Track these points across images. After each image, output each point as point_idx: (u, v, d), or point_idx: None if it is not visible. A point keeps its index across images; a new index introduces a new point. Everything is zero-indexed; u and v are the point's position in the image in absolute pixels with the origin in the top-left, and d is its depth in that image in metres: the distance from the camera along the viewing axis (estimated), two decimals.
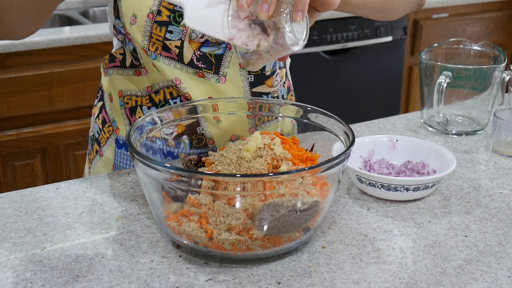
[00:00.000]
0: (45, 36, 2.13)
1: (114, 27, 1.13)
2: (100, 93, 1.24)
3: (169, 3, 1.04)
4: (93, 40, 2.20)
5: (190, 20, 0.83)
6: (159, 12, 1.06)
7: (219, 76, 1.11)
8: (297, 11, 0.80)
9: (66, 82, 2.20)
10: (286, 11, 0.80)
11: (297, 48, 0.83)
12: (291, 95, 1.27)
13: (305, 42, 0.84)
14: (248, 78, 1.14)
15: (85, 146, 2.20)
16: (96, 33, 2.19)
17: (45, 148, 2.24)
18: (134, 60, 1.14)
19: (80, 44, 2.19)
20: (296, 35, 0.82)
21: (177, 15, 1.07)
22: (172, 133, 1.06)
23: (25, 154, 2.22)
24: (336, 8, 0.89)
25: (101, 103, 1.23)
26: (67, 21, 2.62)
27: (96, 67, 2.16)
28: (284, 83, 1.23)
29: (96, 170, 1.23)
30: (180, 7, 0.85)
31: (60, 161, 2.28)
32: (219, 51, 1.11)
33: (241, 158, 0.88)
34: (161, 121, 0.98)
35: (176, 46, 1.08)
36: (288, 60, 1.28)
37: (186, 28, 1.07)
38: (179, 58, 1.09)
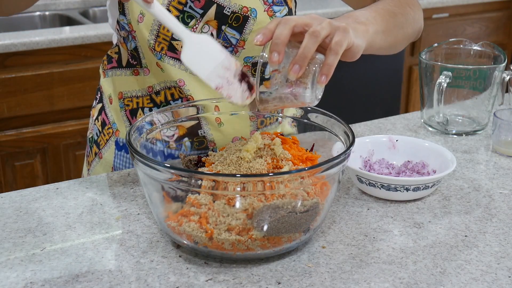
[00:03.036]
0: (45, 36, 2.13)
1: (118, 22, 1.12)
2: (99, 95, 1.24)
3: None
4: (93, 40, 2.20)
5: (186, 58, 0.89)
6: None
7: None
8: (322, 75, 0.85)
9: (66, 82, 2.20)
10: (312, 72, 0.85)
11: (312, 105, 0.89)
12: None
13: (319, 100, 0.89)
14: None
15: (85, 146, 2.20)
16: (96, 33, 2.19)
17: (45, 148, 2.24)
18: (130, 59, 1.13)
19: (80, 44, 2.19)
20: (316, 94, 0.87)
21: (186, 15, 1.06)
22: (173, 135, 1.06)
23: (25, 154, 2.22)
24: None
25: (100, 105, 1.23)
26: (67, 21, 2.62)
27: (96, 67, 2.16)
28: None
29: (95, 173, 1.23)
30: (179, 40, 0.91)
31: (60, 161, 2.28)
32: None
33: (241, 159, 0.88)
34: (161, 121, 0.98)
35: (182, 47, 1.08)
36: None
37: (195, 29, 1.07)
38: None
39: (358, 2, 1.22)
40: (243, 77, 0.89)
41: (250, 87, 0.89)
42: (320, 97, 0.89)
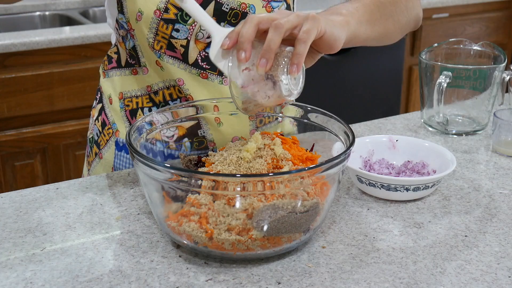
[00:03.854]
0: (45, 36, 2.13)
1: (117, 21, 1.12)
2: (99, 95, 1.24)
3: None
4: (93, 40, 2.20)
5: (213, 54, 0.87)
6: (166, 10, 1.06)
7: (223, 78, 1.11)
8: (292, 64, 0.83)
9: (66, 82, 2.20)
10: (282, 64, 0.84)
11: (292, 98, 0.87)
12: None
13: (301, 91, 0.88)
14: None
15: (85, 146, 2.20)
16: (96, 33, 2.19)
17: (45, 148, 2.24)
18: (129, 59, 1.13)
19: (80, 44, 2.19)
20: (291, 87, 0.86)
21: (184, 13, 1.06)
22: (173, 135, 1.06)
23: (25, 154, 2.22)
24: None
25: (100, 105, 1.23)
26: (67, 21, 2.62)
27: (96, 67, 2.16)
28: None
29: (95, 173, 1.23)
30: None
31: (60, 161, 2.28)
32: None
33: (241, 159, 0.88)
34: (161, 121, 0.98)
35: (181, 45, 1.08)
36: None
37: (193, 27, 1.07)
38: (184, 58, 1.09)
39: None
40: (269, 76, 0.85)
41: (275, 83, 0.85)
42: (298, 90, 0.87)
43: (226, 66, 0.86)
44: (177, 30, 1.07)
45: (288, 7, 1.13)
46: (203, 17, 0.89)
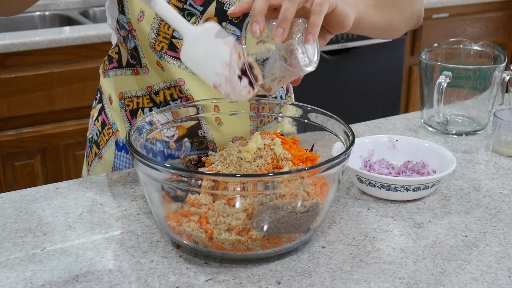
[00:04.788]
0: (45, 36, 2.13)
1: (118, 21, 1.12)
2: (98, 95, 1.24)
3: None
4: (93, 40, 2.20)
5: (184, 55, 0.86)
6: None
7: None
8: (308, 33, 0.83)
9: (66, 82, 2.20)
10: (298, 35, 0.84)
11: (310, 69, 0.86)
12: (289, 96, 1.27)
13: (317, 63, 0.87)
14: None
15: (85, 146, 2.20)
16: (96, 33, 2.19)
17: (45, 148, 2.24)
18: (130, 59, 1.13)
19: (80, 44, 2.19)
20: (309, 56, 0.85)
21: (186, 13, 1.06)
22: (173, 135, 1.06)
23: (25, 154, 2.22)
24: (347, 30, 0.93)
25: (100, 105, 1.22)
26: (67, 21, 2.62)
27: (96, 67, 2.16)
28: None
29: (95, 173, 1.23)
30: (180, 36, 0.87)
31: (60, 161, 2.28)
32: None
33: (241, 159, 0.88)
34: (161, 121, 0.98)
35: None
36: None
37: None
38: None
39: None
40: (244, 71, 0.85)
41: (252, 81, 0.85)
42: (315, 60, 0.87)
43: (200, 66, 0.85)
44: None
45: None
46: (173, 17, 0.86)
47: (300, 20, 0.85)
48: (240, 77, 0.85)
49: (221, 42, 0.85)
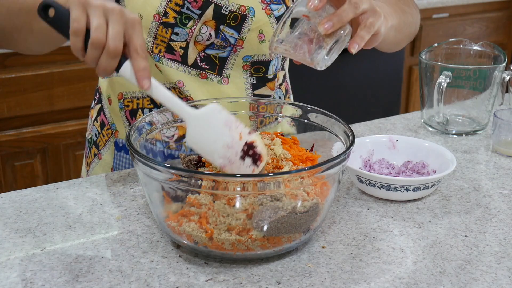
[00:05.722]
0: None
1: None
2: (97, 96, 1.24)
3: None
4: None
5: (189, 140, 0.85)
6: (165, 14, 1.06)
7: (222, 78, 1.11)
8: (354, 43, 0.88)
9: (66, 82, 2.20)
10: (337, 37, 0.87)
11: (318, 67, 0.89)
12: (288, 97, 1.27)
13: (326, 67, 0.91)
14: (250, 80, 1.14)
15: (84, 147, 2.20)
16: None
17: (45, 148, 2.24)
18: None
19: None
20: (326, 61, 0.89)
21: (183, 17, 1.06)
22: (173, 136, 1.06)
23: (25, 154, 2.22)
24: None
25: (99, 105, 1.22)
26: None
27: None
28: (281, 85, 1.23)
29: (94, 173, 1.23)
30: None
31: (60, 161, 2.28)
32: (224, 54, 1.11)
33: None
34: (161, 121, 0.98)
35: (181, 47, 1.08)
36: (287, 62, 1.28)
37: (192, 31, 1.07)
38: (183, 60, 1.09)
39: None
40: (247, 151, 0.84)
41: (256, 159, 0.85)
42: (328, 64, 0.89)
43: (205, 150, 0.85)
44: (177, 34, 1.07)
45: (288, 9, 1.13)
46: (174, 103, 0.85)
47: (348, 27, 0.88)
48: (243, 157, 0.84)
49: (222, 124, 0.84)
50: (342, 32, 0.87)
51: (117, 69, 0.82)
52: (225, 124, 0.84)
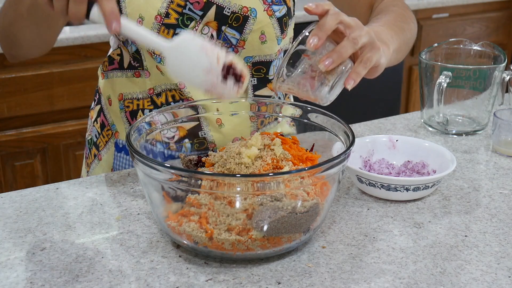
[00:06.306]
0: None
1: None
2: (97, 96, 1.23)
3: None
4: (93, 40, 2.20)
5: (170, 70, 0.88)
6: (167, 15, 1.06)
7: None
8: (350, 78, 0.88)
9: (66, 82, 2.20)
10: (338, 73, 0.88)
11: (322, 104, 0.90)
12: (288, 97, 1.27)
13: (330, 103, 0.92)
14: (251, 81, 1.14)
15: (84, 147, 2.20)
16: (96, 33, 2.19)
17: (45, 148, 2.24)
18: (132, 61, 1.13)
19: (80, 44, 2.19)
20: (330, 97, 0.90)
21: (185, 18, 1.06)
22: (173, 136, 1.06)
23: (25, 154, 2.22)
24: None
25: (98, 106, 1.22)
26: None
27: (96, 67, 2.16)
28: None
29: (95, 174, 1.23)
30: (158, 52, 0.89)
31: (60, 161, 2.28)
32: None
33: (242, 164, 0.87)
34: (161, 121, 0.98)
35: None
36: None
37: (195, 31, 1.07)
38: None
39: (351, 7, 1.23)
40: (227, 72, 0.86)
41: (238, 78, 0.86)
42: (332, 99, 0.91)
43: (187, 78, 0.88)
44: (178, 35, 1.07)
45: (289, 10, 1.13)
46: (146, 37, 0.86)
47: (348, 62, 0.88)
48: (225, 79, 0.86)
49: (198, 50, 0.86)
50: (343, 68, 0.88)
51: (87, 15, 0.84)
52: (201, 50, 0.85)
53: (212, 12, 1.07)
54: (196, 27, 1.07)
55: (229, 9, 1.07)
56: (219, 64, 0.86)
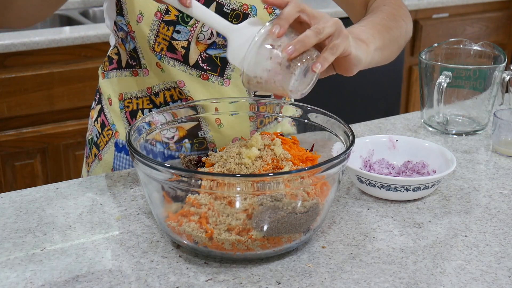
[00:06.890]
0: (45, 36, 2.13)
1: (116, 23, 1.12)
2: (98, 96, 1.24)
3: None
4: (93, 40, 2.20)
5: (230, 56, 0.86)
6: (167, 11, 1.06)
7: (224, 79, 1.11)
8: (317, 63, 0.85)
9: (66, 82, 2.20)
10: (305, 60, 0.84)
11: (294, 96, 0.86)
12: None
13: (304, 95, 0.88)
14: None
15: (85, 147, 2.20)
16: (96, 33, 2.19)
17: (45, 148, 2.24)
18: (129, 60, 1.13)
19: (80, 44, 2.19)
20: (298, 88, 0.86)
21: (185, 15, 1.06)
22: (173, 137, 1.06)
23: (25, 154, 2.22)
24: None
25: (99, 106, 1.22)
26: (67, 21, 2.62)
27: (96, 67, 2.16)
28: None
29: (95, 174, 1.23)
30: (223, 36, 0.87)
31: (60, 161, 2.28)
32: (225, 54, 1.11)
33: (242, 164, 0.87)
34: (161, 122, 0.98)
35: (182, 47, 1.08)
36: None
37: (194, 29, 1.07)
38: (184, 60, 1.09)
39: (348, 5, 1.23)
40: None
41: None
42: (304, 92, 0.87)
43: (247, 46, 0.84)
44: (178, 32, 1.07)
45: None
46: (214, 19, 0.87)
47: (315, 52, 0.86)
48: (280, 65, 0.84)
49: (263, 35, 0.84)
50: (308, 56, 0.85)
51: None
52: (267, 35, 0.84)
53: (212, 9, 1.07)
54: (196, 24, 1.07)
55: (229, 6, 1.07)
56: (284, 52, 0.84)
